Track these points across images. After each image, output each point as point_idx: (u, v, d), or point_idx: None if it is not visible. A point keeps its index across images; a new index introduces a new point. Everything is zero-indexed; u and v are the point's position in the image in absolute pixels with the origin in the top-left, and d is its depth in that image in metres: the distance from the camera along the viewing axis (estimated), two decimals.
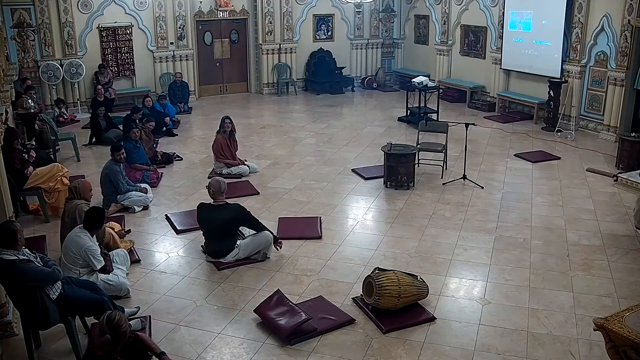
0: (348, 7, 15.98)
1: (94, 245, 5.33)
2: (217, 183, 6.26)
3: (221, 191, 6.21)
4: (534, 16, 12.36)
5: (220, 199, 6.23)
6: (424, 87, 11.97)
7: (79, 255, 5.26)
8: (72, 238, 5.33)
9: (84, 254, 5.25)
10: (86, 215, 5.38)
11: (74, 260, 5.27)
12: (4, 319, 4.95)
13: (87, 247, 5.26)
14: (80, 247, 5.24)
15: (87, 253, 5.25)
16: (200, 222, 6.35)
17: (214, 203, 6.25)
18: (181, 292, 5.67)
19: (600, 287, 5.68)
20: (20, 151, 7.72)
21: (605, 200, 8.00)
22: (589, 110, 11.45)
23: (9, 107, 8.48)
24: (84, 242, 5.26)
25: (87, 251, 5.25)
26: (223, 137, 9.15)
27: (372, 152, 10.14)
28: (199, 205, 6.39)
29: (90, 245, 5.29)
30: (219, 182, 6.27)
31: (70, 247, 5.29)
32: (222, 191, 6.22)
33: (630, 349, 3.68)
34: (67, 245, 5.34)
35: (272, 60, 15.71)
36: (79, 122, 12.64)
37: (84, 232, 5.30)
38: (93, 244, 5.33)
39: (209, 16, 14.94)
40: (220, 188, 6.20)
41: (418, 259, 6.30)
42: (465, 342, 4.83)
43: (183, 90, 13.93)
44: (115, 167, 7.68)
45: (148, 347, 4.19)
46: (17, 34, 12.59)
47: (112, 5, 13.69)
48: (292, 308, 5.07)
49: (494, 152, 10.28)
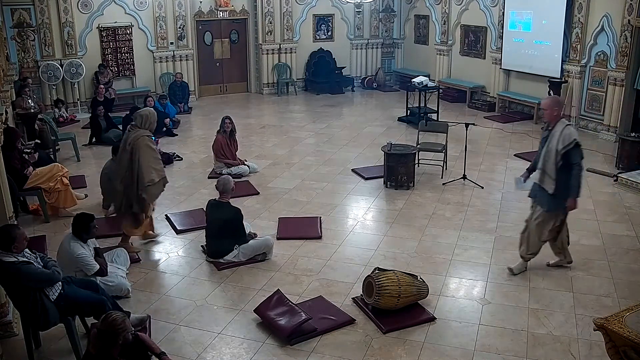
0: (348, 7, 15.99)
1: (84, 252, 5.20)
2: (224, 181, 6.28)
3: (225, 190, 6.21)
4: (534, 16, 12.36)
5: (224, 198, 6.24)
6: (424, 87, 11.97)
7: (73, 263, 5.17)
8: (64, 247, 5.23)
9: (75, 262, 5.16)
10: (74, 222, 5.27)
11: (68, 267, 5.16)
12: (4, 319, 4.95)
13: (78, 255, 5.15)
14: (72, 254, 5.16)
15: (79, 261, 5.16)
16: (206, 218, 6.43)
17: (218, 199, 6.27)
18: (181, 292, 5.67)
19: (600, 287, 5.69)
20: (20, 151, 7.71)
21: (605, 200, 8.00)
22: (589, 110, 11.45)
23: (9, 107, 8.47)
24: (74, 250, 5.15)
25: (78, 258, 5.15)
26: (223, 137, 9.15)
27: (372, 152, 10.14)
28: (208, 201, 6.43)
29: (81, 252, 5.17)
30: (226, 181, 6.28)
31: (63, 256, 5.21)
32: (226, 190, 6.22)
33: (630, 349, 3.68)
34: (60, 255, 5.26)
35: (272, 60, 15.72)
36: (78, 122, 12.65)
37: (75, 239, 5.20)
38: (84, 251, 5.21)
39: (209, 16, 14.94)
40: (224, 186, 6.21)
41: (418, 259, 6.30)
42: (465, 342, 4.83)
43: (183, 90, 13.94)
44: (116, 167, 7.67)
45: (148, 347, 4.18)
46: (17, 34, 12.59)
47: (112, 5, 13.70)
48: (292, 308, 5.07)
49: (494, 152, 10.28)
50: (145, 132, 6.13)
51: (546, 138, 5.70)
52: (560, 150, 5.50)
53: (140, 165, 6.04)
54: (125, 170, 6.12)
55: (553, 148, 5.55)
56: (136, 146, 6.01)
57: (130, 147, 6.01)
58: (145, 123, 6.18)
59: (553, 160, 5.56)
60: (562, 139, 5.50)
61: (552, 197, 5.65)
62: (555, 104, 5.74)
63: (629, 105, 10.52)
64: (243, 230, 6.25)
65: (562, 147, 5.50)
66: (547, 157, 5.63)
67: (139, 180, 6.05)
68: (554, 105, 5.71)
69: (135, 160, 6.03)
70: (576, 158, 5.54)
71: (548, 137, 5.67)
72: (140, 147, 6.02)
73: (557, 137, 5.54)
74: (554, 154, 5.55)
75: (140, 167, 6.04)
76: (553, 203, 5.68)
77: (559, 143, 5.51)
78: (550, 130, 5.67)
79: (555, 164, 5.55)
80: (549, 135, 5.65)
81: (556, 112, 5.66)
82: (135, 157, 6.01)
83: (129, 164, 6.07)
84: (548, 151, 5.61)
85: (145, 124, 6.19)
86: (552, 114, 5.66)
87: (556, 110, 5.67)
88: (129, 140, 6.08)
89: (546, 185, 5.66)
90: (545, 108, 5.73)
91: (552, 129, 5.65)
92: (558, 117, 5.65)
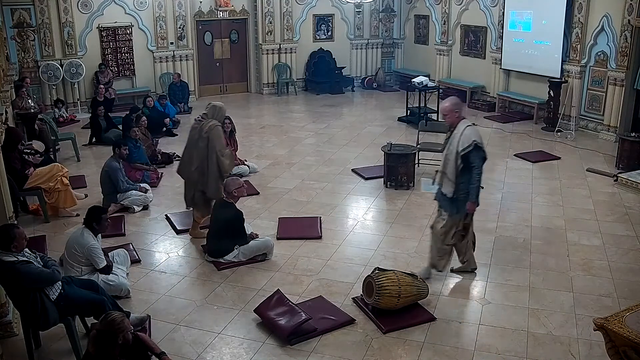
0: (348, 7, 15.99)
1: (96, 244, 5.34)
2: (227, 182, 6.30)
3: (227, 190, 6.21)
4: (534, 16, 12.36)
5: (229, 198, 6.23)
6: (424, 87, 11.98)
7: (82, 254, 5.27)
8: (76, 236, 5.36)
9: (86, 252, 5.26)
10: (87, 213, 5.40)
11: (77, 259, 5.28)
12: (4, 319, 4.95)
13: (90, 246, 5.27)
14: (83, 245, 5.26)
15: (90, 251, 5.26)
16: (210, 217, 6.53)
17: (224, 199, 6.28)
18: (181, 292, 5.67)
19: (600, 287, 5.69)
20: (20, 151, 7.71)
21: (605, 200, 8.00)
22: (589, 110, 11.45)
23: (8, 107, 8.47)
24: (87, 240, 5.27)
25: (89, 249, 5.26)
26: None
27: (372, 152, 10.14)
28: (215, 201, 6.47)
29: (94, 243, 5.30)
30: (228, 182, 6.28)
31: (73, 245, 5.31)
32: (228, 191, 6.22)
33: (630, 349, 3.68)
34: (70, 244, 5.35)
35: (272, 60, 15.72)
36: (79, 122, 12.65)
37: (87, 231, 5.32)
38: (96, 243, 5.34)
39: (209, 16, 14.94)
40: (228, 187, 6.22)
41: (418, 259, 6.29)
42: (465, 342, 4.83)
43: (183, 90, 13.93)
44: (115, 164, 7.70)
45: (148, 347, 4.18)
46: (17, 34, 12.59)
47: (112, 5, 13.70)
48: (292, 308, 5.07)
49: (494, 152, 10.26)
50: (216, 121, 6.75)
51: (448, 139, 5.51)
52: (460, 152, 5.29)
53: (215, 149, 6.67)
54: (201, 158, 6.68)
55: (453, 150, 5.35)
56: (212, 135, 6.62)
57: (207, 135, 6.62)
58: (216, 114, 6.80)
59: (453, 163, 5.35)
60: (462, 140, 5.30)
61: (451, 201, 5.46)
62: (454, 106, 5.47)
63: (629, 105, 10.52)
64: (244, 232, 6.25)
65: (462, 149, 5.28)
66: (447, 160, 5.43)
67: (218, 160, 6.65)
68: (454, 108, 5.45)
69: (211, 147, 6.62)
70: (475, 160, 5.30)
71: (449, 138, 5.47)
72: (215, 135, 6.65)
73: (458, 138, 5.32)
74: (454, 156, 5.34)
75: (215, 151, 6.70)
76: (454, 207, 5.48)
77: (459, 145, 5.30)
78: (452, 131, 5.46)
79: (455, 167, 5.35)
80: (451, 136, 5.46)
81: (457, 114, 5.43)
82: (211, 144, 6.62)
83: (205, 151, 6.66)
84: (449, 153, 5.41)
85: (217, 114, 6.80)
86: (453, 117, 5.44)
87: (457, 113, 5.44)
88: (204, 129, 6.65)
89: (445, 188, 5.48)
90: (446, 113, 5.50)
91: (454, 130, 5.44)
92: (460, 119, 5.43)
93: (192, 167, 6.76)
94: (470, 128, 5.40)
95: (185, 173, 6.91)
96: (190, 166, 6.77)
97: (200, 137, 6.65)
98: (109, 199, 7.64)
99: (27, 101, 9.86)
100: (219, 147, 6.66)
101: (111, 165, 7.68)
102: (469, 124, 5.45)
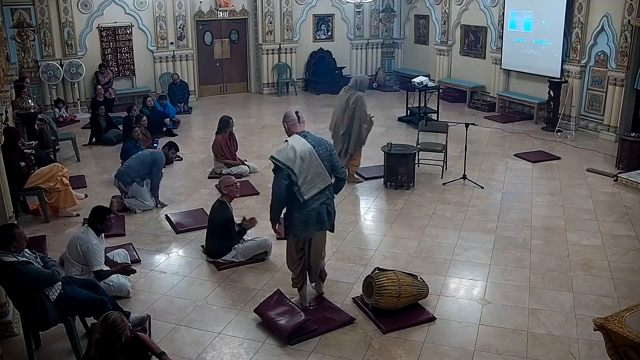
0: (348, 7, 15.98)
1: (98, 244, 5.29)
2: (222, 179, 6.33)
3: (220, 189, 6.22)
4: (534, 16, 12.36)
5: (222, 197, 6.25)
6: (424, 87, 11.97)
7: (82, 252, 5.22)
8: (79, 233, 5.35)
9: (86, 250, 5.19)
10: (91, 213, 5.39)
11: (78, 256, 5.24)
12: (4, 319, 4.95)
13: (91, 244, 5.20)
14: (85, 242, 5.20)
15: (89, 250, 5.18)
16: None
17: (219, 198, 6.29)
18: (181, 292, 5.67)
19: (600, 287, 5.69)
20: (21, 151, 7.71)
21: (605, 200, 8.00)
22: (589, 110, 11.45)
23: (9, 107, 8.47)
24: (89, 238, 5.22)
25: (89, 248, 5.18)
26: (223, 137, 9.15)
27: (372, 152, 10.13)
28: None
29: (95, 243, 5.24)
30: (222, 180, 6.30)
31: (76, 241, 5.27)
32: (221, 190, 6.23)
33: (630, 349, 3.68)
34: (73, 240, 5.33)
35: (272, 60, 15.72)
36: (79, 122, 12.65)
37: (91, 230, 5.29)
38: (98, 243, 5.29)
39: (209, 16, 14.94)
40: (220, 185, 6.21)
41: (418, 259, 6.30)
42: (465, 342, 4.83)
43: (183, 90, 13.93)
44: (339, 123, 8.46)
45: (148, 347, 4.19)
46: (17, 34, 12.59)
47: (112, 5, 13.69)
48: (292, 308, 5.07)
49: (494, 152, 10.28)
50: (361, 93, 8.23)
51: None
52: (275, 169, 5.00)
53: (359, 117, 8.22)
54: (347, 124, 8.22)
55: None
56: (357, 104, 8.14)
57: (353, 105, 8.14)
58: (360, 85, 8.30)
59: None
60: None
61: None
62: (284, 119, 5.20)
63: (629, 105, 10.51)
64: (233, 232, 6.21)
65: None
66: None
67: (360, 127, 8.26)
68: (283, 121, 5.20)
69: (356, 116, 8.18)
70: (274, 180, 4.98)
71: None
72: (359, 105, 8.18)
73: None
74: None
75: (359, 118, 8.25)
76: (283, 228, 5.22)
77: None
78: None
79: None
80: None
81: (286, 127, 5.17)
82: (357, 113, 8.17)
83: (350, 120, 8.21)
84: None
85: (360, 86, 8.29)
86: (286, 131, 5.18)
87: (286, 125, 5.16)
88: (351, 100, 8.18)
89: None
90: (283, 126, 5.22)
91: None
92: (292, 132, 5.13)
93: (340, 131, 8.28)
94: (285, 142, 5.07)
95: (335, 135, 8.41)
96: (339, 130, 8.31)
97: (348, 106, 8.15)
98: (135, 181, 7.61)
99: (26, 101, 9.86)
100: (363, 116, 8.22)
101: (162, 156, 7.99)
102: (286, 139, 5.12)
